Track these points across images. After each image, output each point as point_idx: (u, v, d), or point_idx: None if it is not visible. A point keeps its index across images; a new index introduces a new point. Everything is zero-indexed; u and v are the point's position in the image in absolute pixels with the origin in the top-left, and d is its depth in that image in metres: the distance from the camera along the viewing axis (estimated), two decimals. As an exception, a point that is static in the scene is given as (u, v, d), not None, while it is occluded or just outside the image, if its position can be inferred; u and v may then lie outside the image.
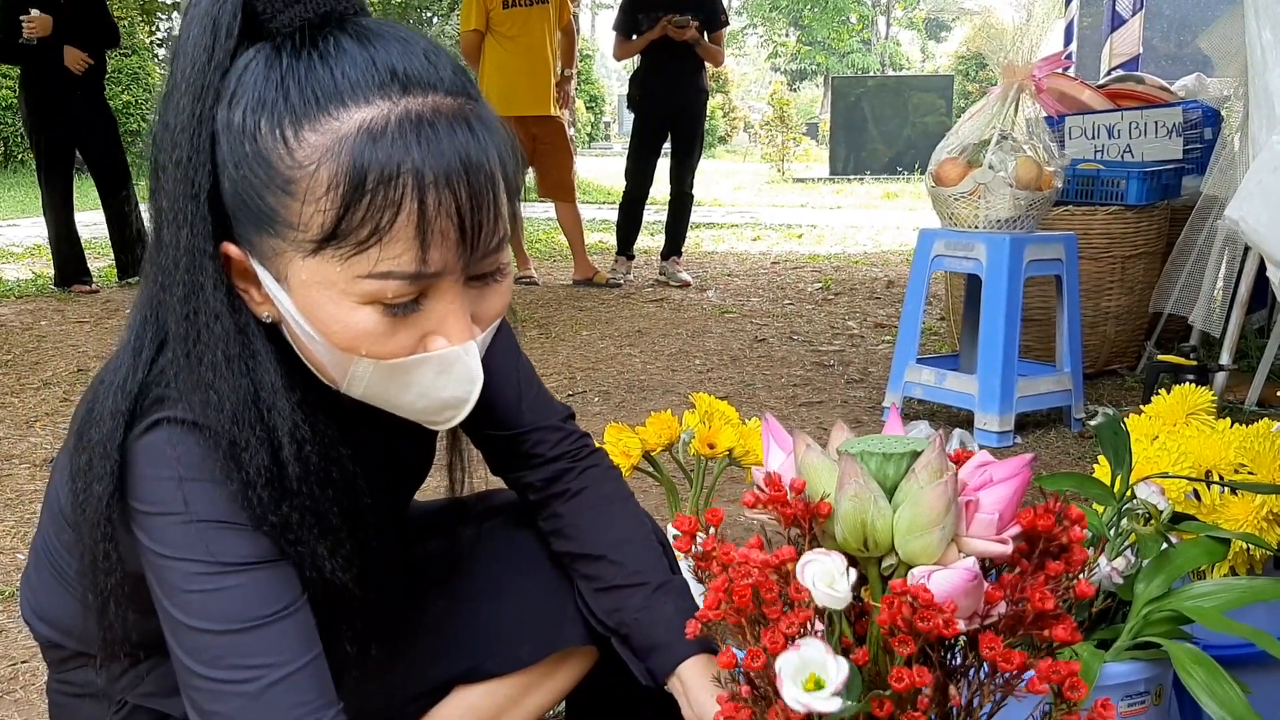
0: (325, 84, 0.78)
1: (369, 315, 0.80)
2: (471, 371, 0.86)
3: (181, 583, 0.84)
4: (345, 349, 0.83)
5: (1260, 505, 1.29)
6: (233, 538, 0.85)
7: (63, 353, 4.19)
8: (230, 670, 0.84)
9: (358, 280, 0.79)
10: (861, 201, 12.26)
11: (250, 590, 0.85)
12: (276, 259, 0.81)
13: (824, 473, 0.81)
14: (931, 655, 0.78)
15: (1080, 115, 4.18)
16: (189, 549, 0.84)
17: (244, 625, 0.84)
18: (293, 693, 0.84)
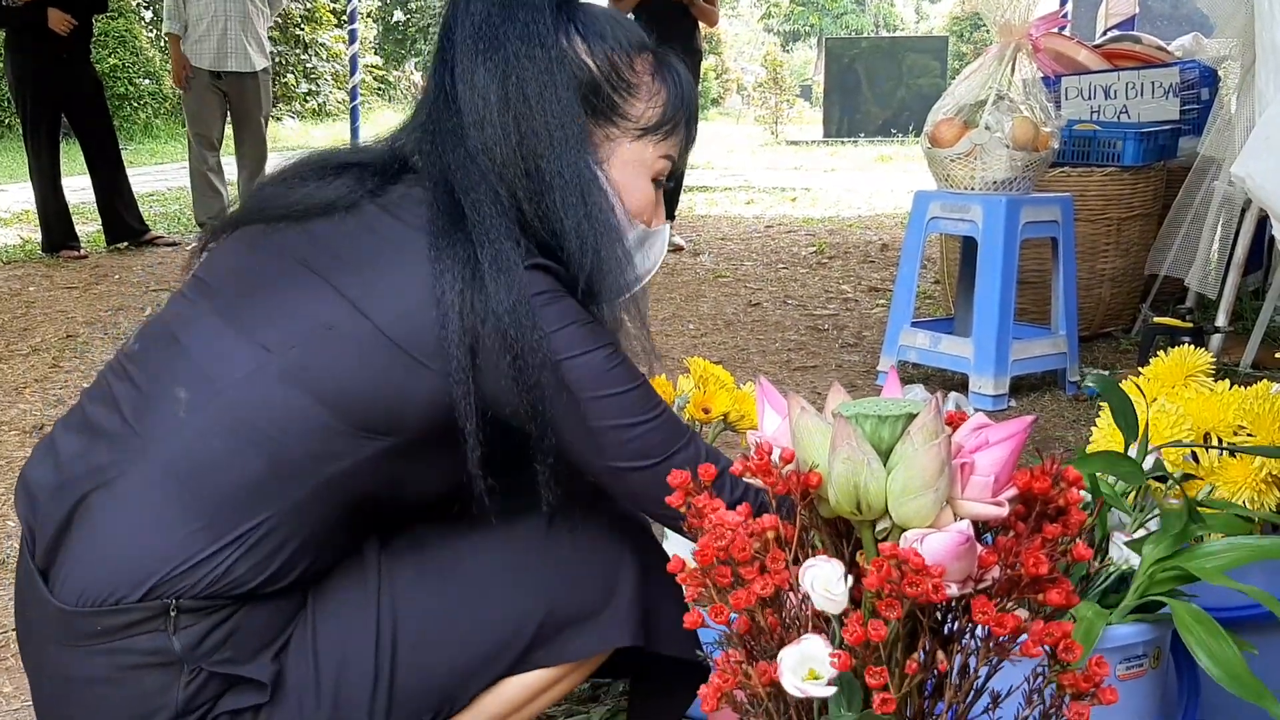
0: (633, 34, 1.16)
1: (652, 188, 1.17)
2: (665, 245, 1.23)
3: (604, 364, 1.06)
4: (636, 213, 1.15)
5: (1259, 467, 1.28)
6: (605, 329, 1.09)
7: (51, 319, 4.15)
8: (653, 408, 1.09)
9: (659, 159, 1.15)
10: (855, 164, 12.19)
11: (628, 359, 1.10)
12: (605, 143, 1.13)
13: (818, 436, 0.79)
14: (922, 620, 0.77)
15: (1076, 76, 4.14)
16: (596, 340, 1.06)
17: (641, 379, 1.09)
18: (673, 412, 1.12)
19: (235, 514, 1.00)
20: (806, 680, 0.74)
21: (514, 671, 1.12)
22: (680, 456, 1.09)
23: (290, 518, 1.02)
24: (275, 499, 1.01)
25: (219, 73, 5.69)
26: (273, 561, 1.02)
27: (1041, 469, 0.76)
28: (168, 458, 1.01)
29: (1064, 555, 0.76)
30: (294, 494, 1.01)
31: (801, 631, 0.79)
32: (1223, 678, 0.87)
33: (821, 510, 0.81)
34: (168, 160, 11.41)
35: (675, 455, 1.09)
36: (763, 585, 0.76)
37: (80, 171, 5.95)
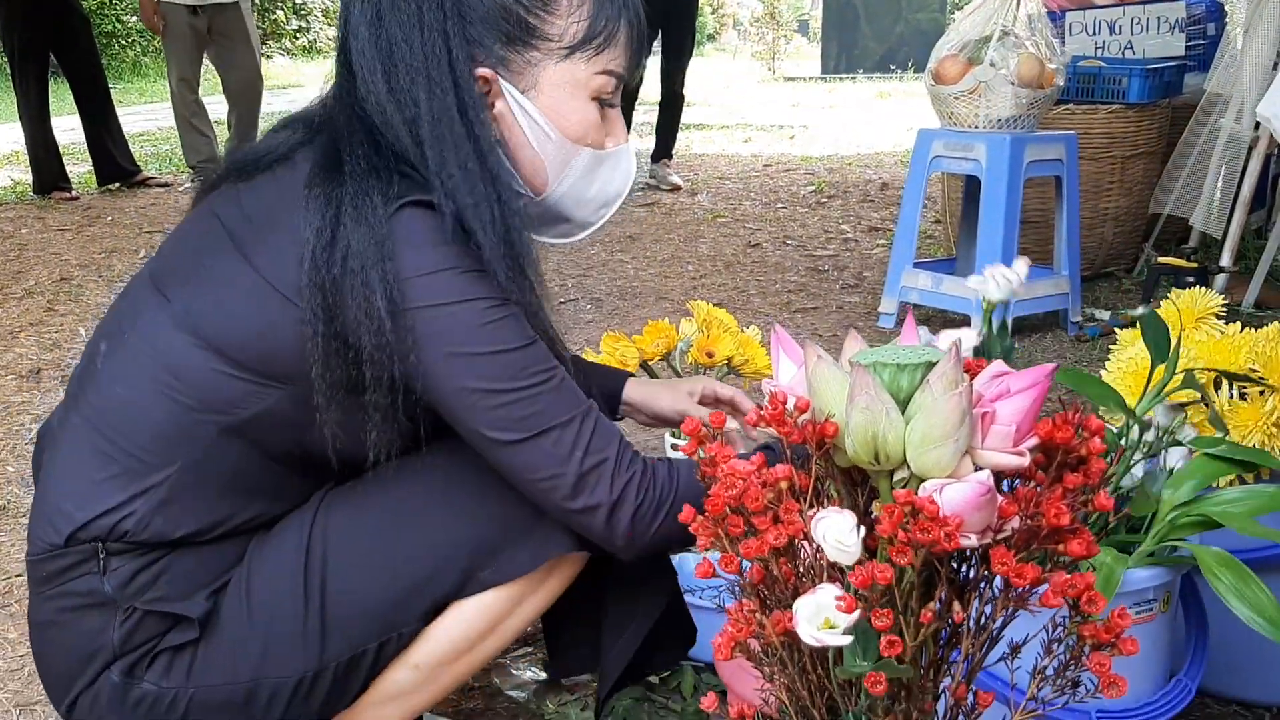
0: None
1: (593, 109, 1.08)
2: (631, 167, 1.14)
3: (475, 319, 0.98)
4: (575, 139, 1.08)
5: (1271, 411, 1.27)
6: (491, 282, 1.00)
7: (45, 261, 4.12)
8: (532, 376, 1.00)
9: (595, 76, 1.06)
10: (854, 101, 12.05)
11: (518, 319, 1.01)
12: (528, 70, 1.05)
13: (835, 385, 0.77)
14: (939, 569, 0.76)
15: (1081, 10, 4.07)
16: (472, 291, 0.98)
17: (528, 341, 1.01)
18: (569, 386, 1.03)
19: (146, 463, 1.03)
20: (822, 629, 0.73)
21: (460, 595, 1.10)
22: (559, 434, 1.00)
23: (201, 467, 1.04)
24: (183, 448, 1.03)
25: (196, 7, 5.30)
26: (192, 513, 1.04)
27: (1063, 417, 0.75)
28: (88, 410, 1.07)
29: (1085, 505, 0.74)
30: (200, 442, 1.03)
31: (816, 581, 0.78)
32: (1258, 622, 0.86)
33: (838, 460, 0.80)
34: (157, 99, 11.26)
35: (552, 431, 1.00)
36: (776, 535, 0.75)
37: (69, 111, 5.86)
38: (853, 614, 0.70)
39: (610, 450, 1.02)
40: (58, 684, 1.08)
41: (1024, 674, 0.81)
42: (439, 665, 1.12)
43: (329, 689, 1.08)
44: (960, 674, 0.78)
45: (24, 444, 2.37)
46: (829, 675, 0.79)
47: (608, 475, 1.01)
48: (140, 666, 1.05)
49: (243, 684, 1.06)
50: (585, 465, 1.00)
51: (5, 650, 1.59)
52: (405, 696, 1.13)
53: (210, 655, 1.06)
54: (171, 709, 1.06)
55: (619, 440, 1.03)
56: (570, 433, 1.00)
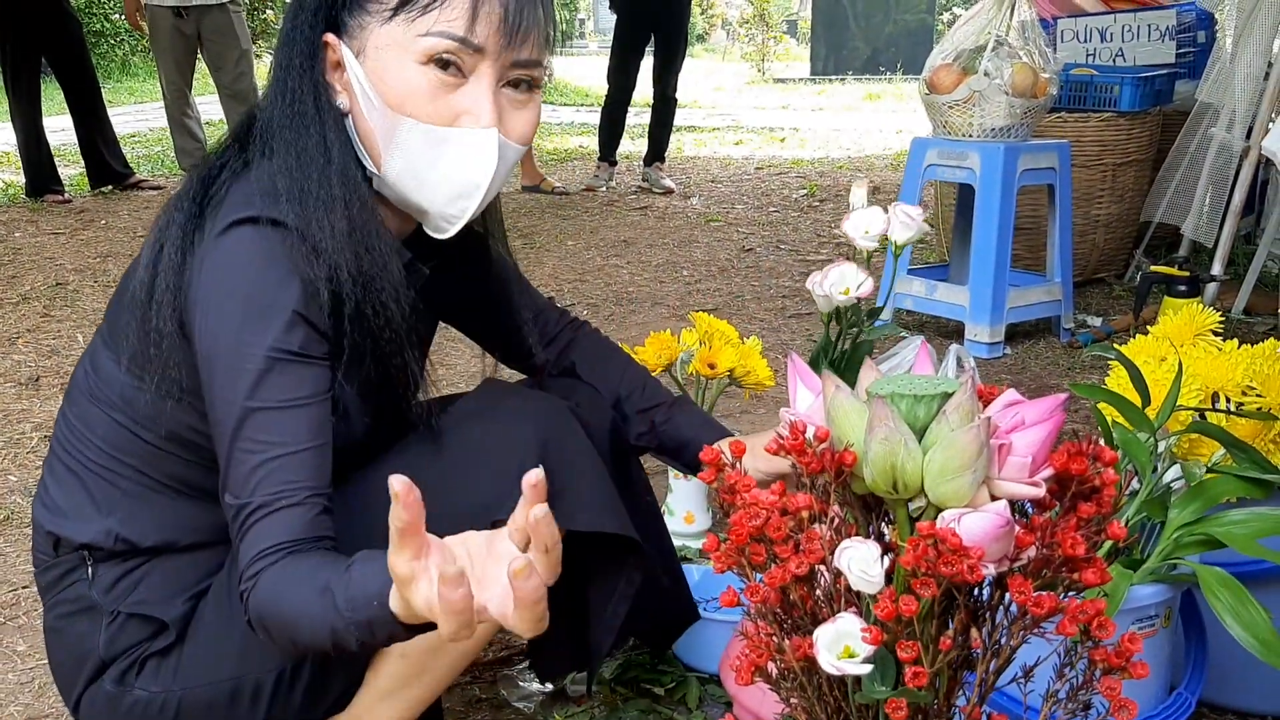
0: None
1: (420, 73, 0.98)
2: (489, 158, 1.01)
3: (236, 364, 0.94)
4: (395, 106, 0.99)
5: (1267, 428, 1.29)
6: (284, 324, 0.95)
7: (39, 265, 4.11)
8: (245, 441, 0.94)
9: (418, 38, 0.98)
10: (843, 103, 12.10)
11: (281, 376, 0.95)
12: (359, 34, 1.00)
13: (853, 415, 0.79)
14: (958, 597, 0.78)
15: (1072, 18, 4.11)
16: (255, 333, 0.94)
17: (274, 405, 0.94)
18: (288, 470, 0.94)
19: (103, 478, 1.09)
20: (842, 658, 0.75)
21: None
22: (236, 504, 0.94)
23: (150, 477, 1.09)
24: (128, 460, 1.08)
25: (181, 9, 5.20)
26: (156, 522, 1.09)
27: (1077, 447, 0.77)
28: (59, 431, 1.13)
29: (1098, 534, 0.76)
30: (141, 454, 1.08)
31: (834, 606, 0.80)
32: (1251, 643, 0.88)
33: (855, 487, 0.81)
34: (147, 99, 11.22)
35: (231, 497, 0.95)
36: (798, 564, 0.77)
37: (59, 112, 5.84)
38: (877, 645, 0.72)
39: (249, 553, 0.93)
40: (63, 686, 1.15)
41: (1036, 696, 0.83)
42: (427, 652, 1.12)
43: (310, 681, 1.10)
44: (975, 697, 0.80)
45: (25, 452, 2.37)
46: (846, 699, 0.81)
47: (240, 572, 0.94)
48: (130, 674, 1.09)
49: (226, 682, 1.09)
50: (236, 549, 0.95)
51: (15, 663, 1.59)
52: (401, 691, 1.14)
53: (194, 657, 1.09)
54: (163, 712, 1.09)
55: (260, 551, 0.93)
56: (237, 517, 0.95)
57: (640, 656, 1.53)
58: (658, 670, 1.51)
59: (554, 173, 6.38)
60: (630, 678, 1.51)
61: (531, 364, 1.36)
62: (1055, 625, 0.75)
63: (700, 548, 1.47)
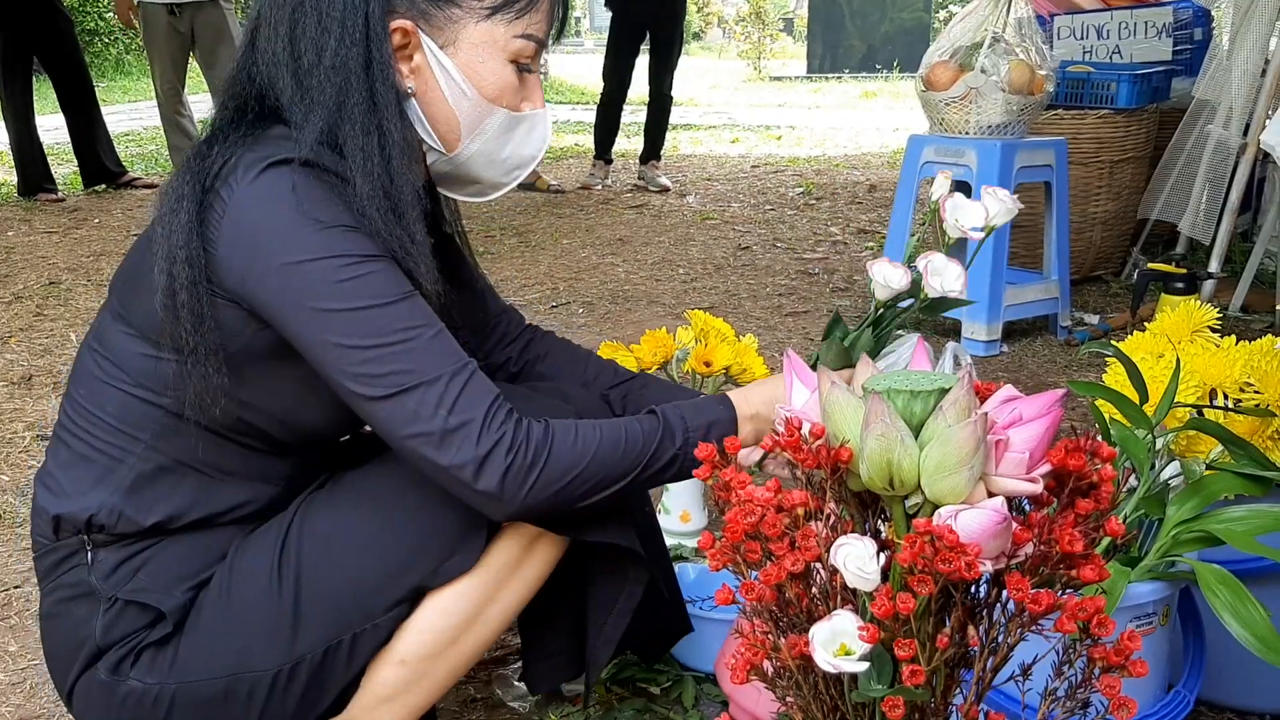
0: None
1: (511, 71, 1.10)
2: (547, 131, 1.16)
3: (333, 275, 0.97)
4: (491, 99, 1.09)
5: (1265, 424, 1.28)
6: (358, 237, 1.00)
7: (33, 265, 4.09)
8: (396, 333, 0.98)
9: (514, 39, 1.08)
10: (840, 101, 12.09)
11: (387, 274, 1.00)
12: (449, 27, 1.07)
13: (849, 411, 0.78)
14: (955, 594, 0.77)
15: (1069, 15, 4.10)
16: (330, 247, 0.98)
17: (395, 298, 0.99)
18: (446, 343, 1.01)
19: (110, 455, 1.09)
20: (838, 655, 0.74)
21: (433, 584, 1.10)
22: (424, 392, 0.98)
23: (159, 450, 1.08)
24: (138, 433, 1.08)
25: (174, 6, 5.14)
26: (161, 498, 1.09)
27: (1075, 444, 0.76)
28: (63, 417, 1.13)
29: (1096, 530, 0.76)
30: (151, 425, 1.08)
31: (830, 603, 0.79)
32: (1250, 641, 0.88)
33: (851, 484, 0.81)
34: (141, 98, 11.19)
35: (417, 389, 0.98)
36: (793, 561, 0.76)
37: (52, 110, 5.82)
38: (874, 643, 0.71)
39: (477, 411, 0.98)
40: (57, 672, 1.14)
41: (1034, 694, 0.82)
42: (426, 659, 1.12)
43: (307, 683, 1.09)
44: (972, 695, 0.80)
45: (17, 452, 2.36)
46: (843, 697, 0.80)
47: (474, 435, 0.98)
48: (125, 663, 1.08)
49: (222, 678, 1.08)
50: (450, 424, 0.98)
51: (6, 663, 1.58)
52: (399, 697, 1.13)
53: (191, 650, 1.08)
54: (156, 705, 1.08)
55: (492, 401, 1.00)
56: (435, 391, 0.98)
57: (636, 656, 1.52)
58: (654, 670, 1.51)
59: (550, 171, 6.36)
60: (626, 677, 1.50)
61: (490, 363, 1.38)
62: (1054, 622, 0.74)
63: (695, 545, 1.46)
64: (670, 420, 1.08)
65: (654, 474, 1.07)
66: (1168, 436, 1.28)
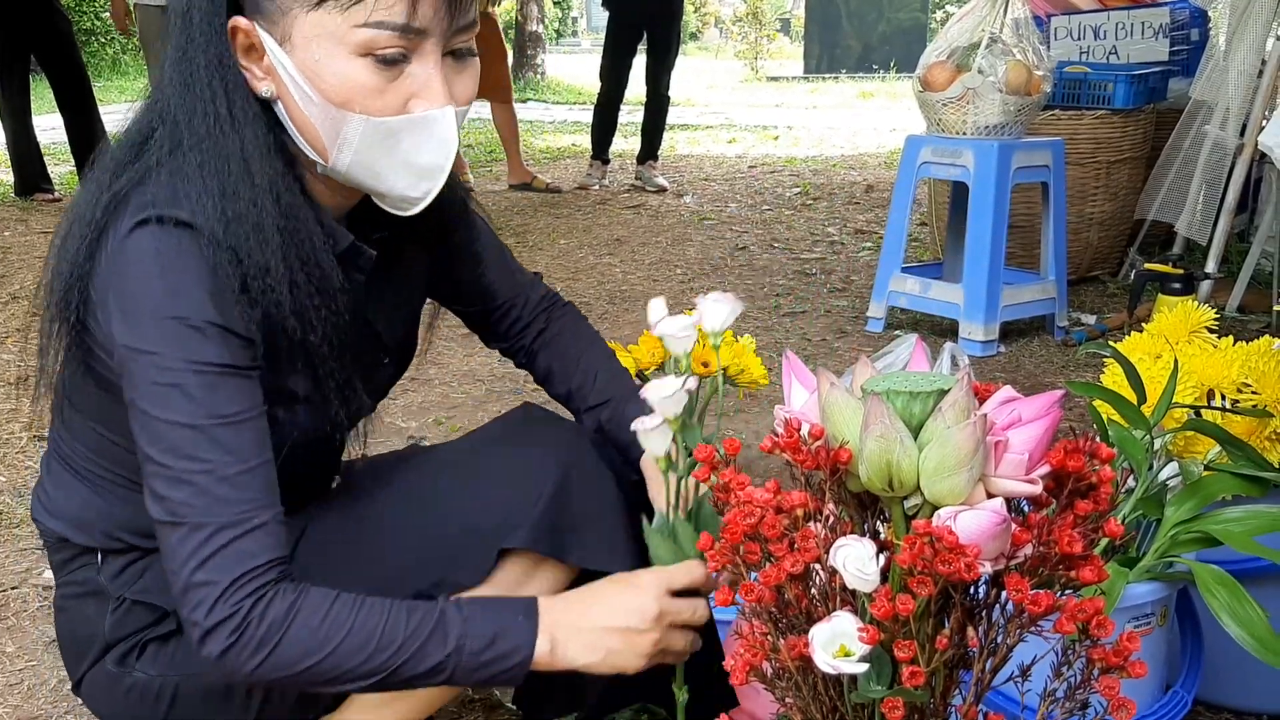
0: None
1: (362, 67, 0.89)
2: (448, 135, 0.93)
3: (155, 375, 0.89)
4: (340, 104, 0.90)
5: (1263, 425, 1.28)
6: (201, 339, 0.89)
7: (29, 265, 4.09)
8: (188, 460, 0.89)
9: (354, 29, 0.88)
10: (837, 101, 12.10)
11: (214, 391, 0.90)
12: (282, 20, 0.90)
13: (848, 412, 0.78)
14: (954, 595, 0.77)
15: (1066, 15, 4.10)
16: (162, 344, 0.89)
17: (206, 422, 0.89)
18: (240, 489, 0.90)
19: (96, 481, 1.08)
20: (838, 657, 0.74)
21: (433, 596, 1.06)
22: (185, 535, 0.89)
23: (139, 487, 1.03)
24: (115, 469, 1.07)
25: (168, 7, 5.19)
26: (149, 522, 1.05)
27: (1074, 445, 0.76)
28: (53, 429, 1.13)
29: (1095, 532, 0.76)
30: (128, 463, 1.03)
31: (829, 605, 0.79)
32: (1248, 641, 0.88)
33: (850, 485, 0.81)
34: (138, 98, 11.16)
35: (180, 526, 0.89)
36: (793, 563, 0.76)
37: (49, 110, 5.81)
38: (874, 644, 0.71)
39: (224, 577, 0.89)
40: (68, 663, 1.16)
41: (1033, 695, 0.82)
42: None
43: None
44: (971, 696, 0.80)
45: (14, 452, 2.36)
46: (842, 698, 0.80)
47: (208, 602, 0.89)
48: (131, 656, 1.10)
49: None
50: (193, 580, 0.89)
51: (4, 664, 1.58)
52: (391, 703, 1.12)
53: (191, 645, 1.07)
54: (160, 697, 1.09)
55: (246, 571, 0.90)
56: (195, 540, 0.89)
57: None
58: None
59: (547, 171, 6.36)
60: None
61: (507, 348, 1.33)
62: (1053, 623, 0.74)
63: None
64: (448, 620, 0.94)
65: (413, 677, 0.94)
66: (1165, 437, 1.28)
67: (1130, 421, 1.24)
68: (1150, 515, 1.18)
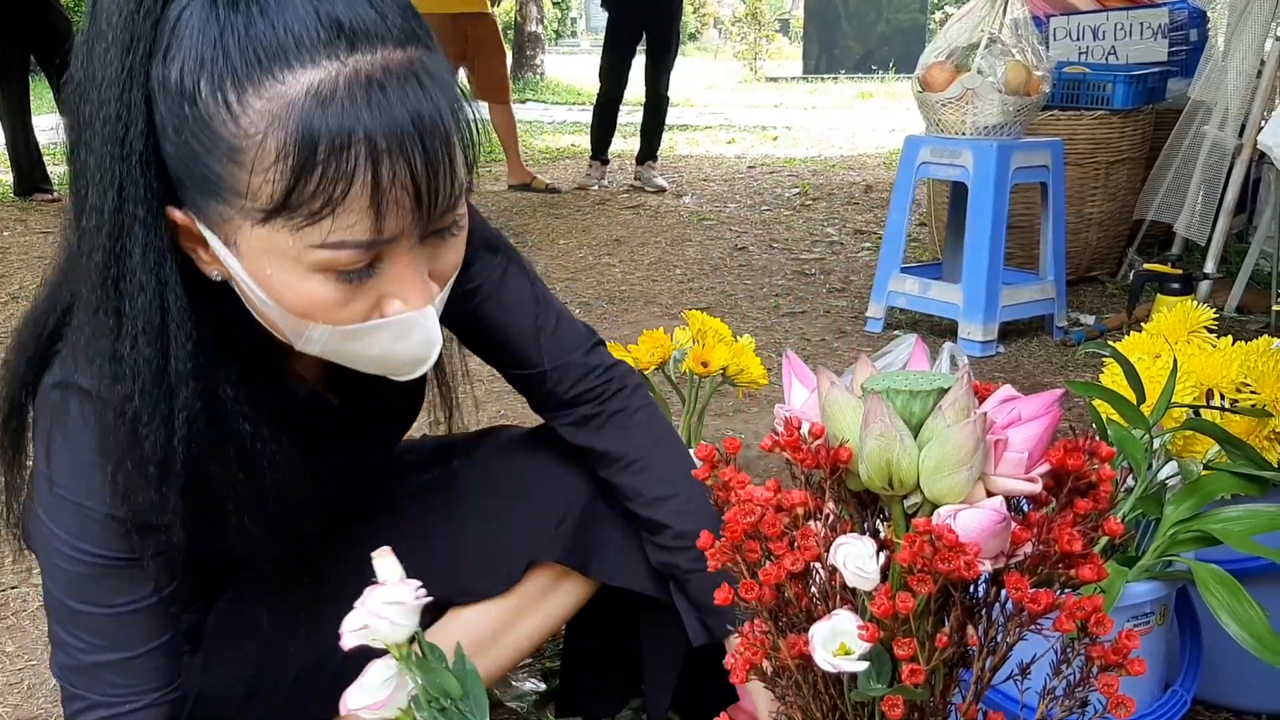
0: (268, 41, 0.71)
1: (322, 283, 0.77)
2: (430, 335, 0.83)
3: (51, 551, 0.87)
4: (300, 315, 0.79)
5: (1262, 424, 1.29)
6: (98, 527, 0.85)
7: (29, 265, 4.09)
8: (74, 638, 0.88)
9: (310, 250, 0.75)
10: (836, 101, 12.11)
11: (106, 583, 0.87)
12: (225, 224, 0.76)
13: (848, 410, 0.78)
14: (954, 594, 0.77)
15: (1065, 16, 4.11)
16: (56, 520, 0.86)
17: (92, 610, 0.88)
18: (121, 674, 0.89)
19: None
20: (838, 655, 0.74)
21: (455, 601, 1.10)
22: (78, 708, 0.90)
23: None
24: None
25: None
26: None
27: (1074, 443, 0.76)
28: None
29: (1095, 530, 0.76)
30: None
31: (829, 603, 0.79)
32: (1247, 640, 0.88)
33: (850, 484, 0.81)
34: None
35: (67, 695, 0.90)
36: (793, 561, 0.76)
37: (48, 110, 5.81)
38: (873, 642, 0.71)
39: None
40: None
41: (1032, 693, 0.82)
42: None
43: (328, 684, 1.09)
44: (971, 695, 0.80)
45: (13, 452, 2.35)
46: (842, 696, 0.80)
47: None
48: None
49: (244, 680, 1.08)
50: None
51: (4, 664, 1.58)
52: None
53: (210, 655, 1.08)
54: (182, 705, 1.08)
55: None
56: (72, 709, 0.90)
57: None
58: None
59: (546, 171, 6.37)
60: (623, 677, 1.50)
61: (552, 423, 1.16)
62: (1053, 622, 0.74)
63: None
64: None
65: None
66: (1165, 436, 1.28)
67: (1129, 421, 1.24)
68: (1149, 514, 1.18)
